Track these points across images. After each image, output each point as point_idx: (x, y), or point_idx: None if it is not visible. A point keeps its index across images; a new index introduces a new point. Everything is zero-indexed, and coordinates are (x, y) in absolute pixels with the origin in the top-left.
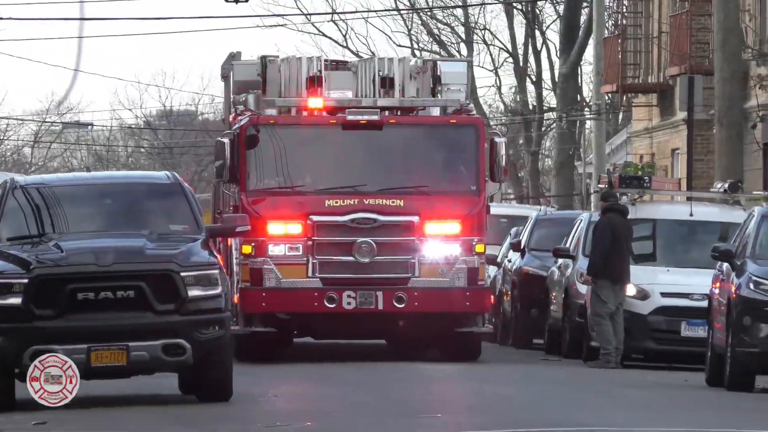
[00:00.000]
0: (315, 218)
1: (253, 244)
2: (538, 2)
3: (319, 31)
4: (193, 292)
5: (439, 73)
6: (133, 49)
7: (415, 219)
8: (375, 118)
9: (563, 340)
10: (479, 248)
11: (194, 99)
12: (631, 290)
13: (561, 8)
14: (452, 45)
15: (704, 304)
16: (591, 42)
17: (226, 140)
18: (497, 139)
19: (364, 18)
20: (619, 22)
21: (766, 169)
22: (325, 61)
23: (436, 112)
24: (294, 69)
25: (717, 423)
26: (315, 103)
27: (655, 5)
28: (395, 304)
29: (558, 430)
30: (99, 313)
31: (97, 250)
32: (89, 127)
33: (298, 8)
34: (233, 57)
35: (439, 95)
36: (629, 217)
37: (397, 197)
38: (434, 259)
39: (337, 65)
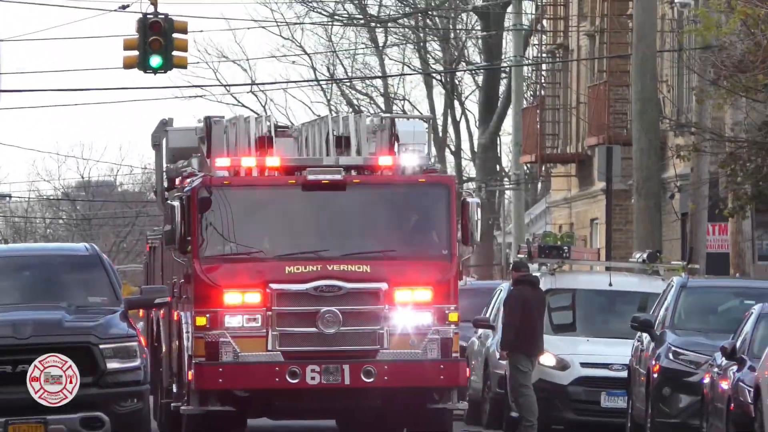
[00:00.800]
0: (275, 286)
1: (207, 315)
2: (457, 72)
3: (239, 101)
4: (112, 365)
5: (396, 132)
6: (50, 120)
7: (384, 286)
8: (338, 177)
9: (483, 410)
10: (452, 317)
11: (113, 170)
12: (550, 360)
13: (480, 79)
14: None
15: (624, 374)
16: (510, 112)
17: (176, 203)
18: (469, 200)
19: (283, 89)
20: (538, 93)
21: (684, 239)
22: None
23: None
24: (242, 129)
25: None
26: (272, 162)
27: (573, 76)
28: (363, 378)
29: None
30: (17, 387)
31: (15, 323)
32: (7, 198)
33: (217, 79)
34: (165, 124)
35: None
36: (550, 287)
37: (363, 263)
38: (405, 330)
39: (277, 131)
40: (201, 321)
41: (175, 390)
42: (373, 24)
